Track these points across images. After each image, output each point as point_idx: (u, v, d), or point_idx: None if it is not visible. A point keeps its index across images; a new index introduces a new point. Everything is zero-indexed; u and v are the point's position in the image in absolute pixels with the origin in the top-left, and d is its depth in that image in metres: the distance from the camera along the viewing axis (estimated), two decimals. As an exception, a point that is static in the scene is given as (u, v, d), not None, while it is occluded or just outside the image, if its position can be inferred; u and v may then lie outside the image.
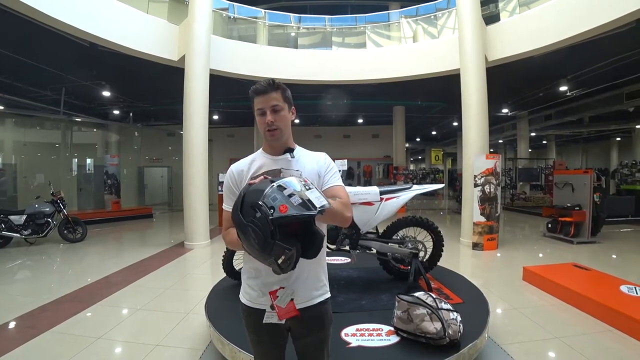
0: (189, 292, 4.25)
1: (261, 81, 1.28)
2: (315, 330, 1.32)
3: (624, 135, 17.89)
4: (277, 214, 0.94)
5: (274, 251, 0.96)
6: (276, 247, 0.95)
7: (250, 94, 1.29)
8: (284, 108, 1.29)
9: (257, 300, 1.28)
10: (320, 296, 1.31)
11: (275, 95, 1.27)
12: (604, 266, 4.72)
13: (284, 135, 1.32)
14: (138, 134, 14.10)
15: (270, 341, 1.33)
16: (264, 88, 1.26)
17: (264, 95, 1.26)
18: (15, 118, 10.65)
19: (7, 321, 3.19)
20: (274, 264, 0.99)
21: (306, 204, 0.96)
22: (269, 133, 1.29)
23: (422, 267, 3.24)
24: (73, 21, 5.43)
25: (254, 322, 1.30)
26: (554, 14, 6.03)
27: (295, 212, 0.94)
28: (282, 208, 0.95)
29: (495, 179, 6.04)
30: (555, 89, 9.98)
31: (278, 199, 0.97)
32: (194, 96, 6.41)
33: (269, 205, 0.96)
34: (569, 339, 2.81)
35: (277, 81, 1.29)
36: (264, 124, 1.28)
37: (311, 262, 1.19)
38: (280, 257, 0.97)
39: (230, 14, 8.61)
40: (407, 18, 9.11)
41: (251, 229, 0.98)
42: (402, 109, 13.12)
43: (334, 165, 1.39)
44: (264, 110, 1.27)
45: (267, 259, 1.00)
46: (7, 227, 6.27)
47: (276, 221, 0.94)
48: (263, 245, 0.96)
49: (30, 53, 7.12)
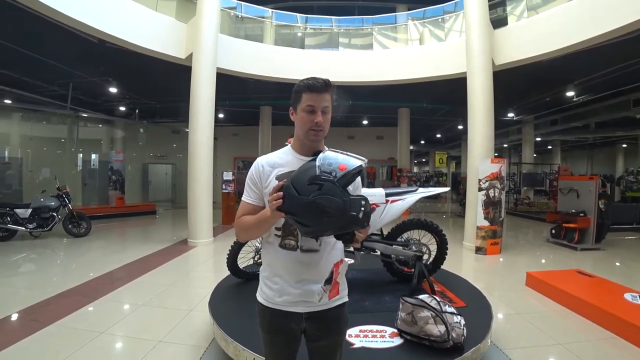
0: (192, 289, 4.27)
1: (317, 78, 1.22)
2: (332, 333, 1.32)
3: (630, 142, 17.75)
4: (340, 174, 1.00)
5: (353, 207, 0.98)
6: (352, 202, 0.98)
7: (301, 87, 1.22)
8: (330, 111, 1.26)
9: (273, 299, 1.27)
10: (340, 299, 1.31)
11: (328, 97, 1.23)
12: (607, 273, 4.69)
13: (323, 138, 1.28)
14: (143, 130, 14.19)
15: (283, 342, 1.32)
16: (321, 87, 1.20)
17: (319, 94, 1.20)
18: (22, 112, 10.75)
19: (11, 313, 3.23)
20: (354, 221, 0.99)
21: (353, 157, 1.06)
22: (313, 132, 1.22)
23: (425, 269, 3.24)
24: (82, 17, 5.46)
25: (268, 322, 1.30)
26: (562, 19, 6.00)
27: (354, 164, 1.02)
28: (341, 167, 1.01)
29: (500, 184, 6.02)
30: (561, 94, 9.93)
31: (333, 163, 1.03)
32: (201, 94, 6.44)
33: (328, 171, 1.02)
34: (572, 345, 2.80)
35: (331, 83, 1.24)
36: (310, 122, 1.21)
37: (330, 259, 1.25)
38: (359, 210, 0.98)
39: (237, 13, 8.65)
40: (414, 20, 9.10)
41: (321, 201, 0.98)
42: (407, 111, 13.10)
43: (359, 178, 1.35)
44: (315, 109, 1.21)
45: (345, 221, 0.99)
46: (13, 220, 6.33)
47: (342, 180, 1.00)
48: (342, 207, 0.97)
49: (38, 48, 7.17)
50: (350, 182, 1.06)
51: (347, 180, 1.02)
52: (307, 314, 1.26)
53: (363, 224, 1.00)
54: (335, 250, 1.28)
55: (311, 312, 1.26)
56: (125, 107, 12.44)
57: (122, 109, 12.50)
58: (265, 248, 1.32)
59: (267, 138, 12.95)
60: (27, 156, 10.63)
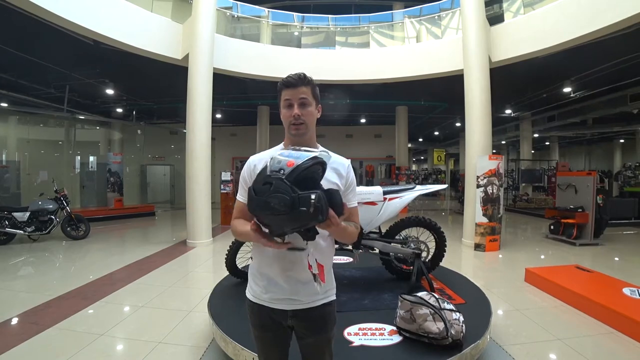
0: (192, 290, 4.26)
1: (292, 74, 1.26)
2: (318, 331, 1.32)
3: (627, 137, 17.81)
4: (287, 170, 0.99)
5: (302, 202, 0.95)
6: (301, 198, 0.95)
7: (278, 86, 1.27)
8: (312, 104, 1.28)
9: (261, 296, 1.28)
10: (325, 298, 1.31)
11: (305, 90, 1.25)
12: (606, 268, 4.71)
13: (308, 131, 1.29)
14: (141, 132, 14.15)
15: (273, 338, 1.33)
16: (295, 81, 1.24)
17: (293, 88, 1.24)
18: (19, 115, 10.71)
19: (11, 317, 3.22)
20: (305, 216, 0.96)
21: (304, 151, 1.04)
22: (294, 127, 1.26)
23: (424, 267, 3.25)
24: (77, 19, 5.44)
25: (258, 318, 1.31)
26: (558, 15, 6.01)
27: (301, 159, 1.00)
28: (289, 163, 1.00)
29: (498, 180, 6.03)
30: (558, 90, 9.96)
31: (282, 160, 1.02)
32: (198, 95, 6.43)
33: (277, 168, 1.01)
34: (571, 340, 2.81)
35: (309, 76, 1.27)
36: (290, 116, 1.25)
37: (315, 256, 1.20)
38: (310, 206, 0.95)
39: (234, 12, 8.62)
40: (410, 18, 9.09)
41: (273, 200, 0.97)
42: (404, 109, 13.11)
43: (354, 178, 1.37)
44: (292, 102, 1.25)
45: (298, 217, 0.97)
46: (11, 224, 6.31)
47: (290, 177, 0.98)
48: (290, 203, 0.95)
49: (34, 51, 7.15)
50: (308, 177, 1.01)
51: (299, 175, 0.99)
52: (292, 311, 1.26)
53: (317, 219, 0.97)
54: (323, 249, 1.26)
55: (296, 309, 1.26)
56: (122, 109, 12.42)
57: (119, 110, 12.48)
58: (254, 245, 1.33)
59: (265, 138, 12.95)
60: (25, 159, 10.59)
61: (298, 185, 0.98)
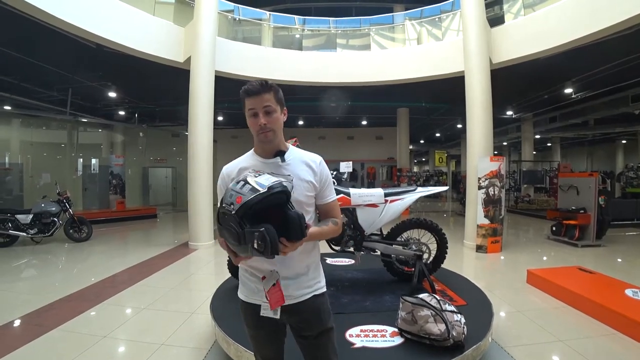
0: (194, 292, 4.28)
1: (252, 81, 1.25)
2: (313, 324, 1.33)
3: (629, 138, 17.74)
4: (236, 206, 1.05)
5: (247, 238, 1.04)
6: (247, 234, 1.04)
7: (240, 95, 1.26)
8: (277, 110, 1.27)
9: (251, 296, 1.31)
10: (315, 291, 1.33)
11: (268, 97, 1.24)
12: (608, 270, 4.69)
13: (276, 137, 1.29)
14: (143, 134, 14.19)
15: (267, 336, 1.36)
16: (256, 89, 1.23)
17: (256, 97, 1.23)
18: (22, 118, 10.76)
19: (14, 318, 3.24)
20: (253, 250, 1.05)
21: (255, 188, 1.06)
22: (262, 135, 1.26)
23: (426, 269, 3.25)
24: (80, 23, 5.49)
25: (250, 317, 1.33)
26: (559, 16, 6.01)
27: (248, 197, 1.04)
28: (237, 199, 1.05)
29: (500, 182, 6.03)
30: (560, 91, 9.94)
31: (234, 194, 1.08)
32: (199, 97, 6.46)
33: (229, 202, 1.07)
34: (573, 342, 2.80)
35: (269, 82, 1.27)
36: (256, 125, 1.25)
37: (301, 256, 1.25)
38: (253, 242, 1.03)
39: (235, 16, 8.66)
40: (411, 20, 9.12)
41: (226, 230, 1.09)
42: (406, 110, 13.12)
43: (329, 173, 1.40)
44: (256, 112, 1.24)
45: (246, 249, 1.07)
46: (14, 226, 6.34)
47: (239, 212, 1.04)
48: (237, 237, 1.06)
49: (37, 54, 7.20)
50: (266, 207, 1.05)
51: (250, 209, 1.04)
52: (282, 306, 1.27)
53: (264, 254, 1.04)
54: (307, 251, 1.31)
55: (287, 304, 1.27)
56: (124, 111, 12.47)
57: (122, 113, 12.53)
58: None
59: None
60: (28, 162, 10.63)
61: (253, 217, 1.05)
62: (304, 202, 1.28)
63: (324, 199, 1.36)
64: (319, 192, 1.35)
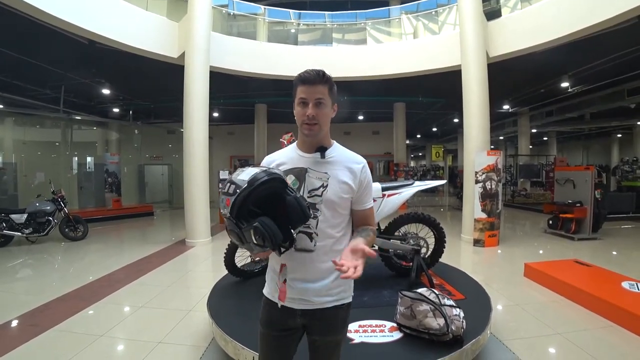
0: (191, 289, 4.26)
1: (310, 70, 1.19)
2: (327, 332, 1.30)
3: (625, 132, 17.84)
4: (227, 209, 1.06)
5: (245, 237, 1.05)
6: (245, 232, 1.05)
7: (294, 81, 1.21)
8: (328, 104, 1.21)
9: (272, 294, 1.30)
10: (337, 301, 1.26)
11: (322, 89, 1.19)
12: (605, 262, 4.72)
13: (321, 132, 1.23)
14: (138, 131, 14.08)
15: (277, 337, 1.30)
16: (313, 78, 1.17)
17: (310, 86, 1.18)
18: (15, 117, 10.64)
19: (10, 319, 3.20)
20: (255, 247, 1.06)
21: (238, 185, 1.06)
22: (307, 126, 1.20)
23: (424, 263, 3.24)
24: (72, 19, 5.39)
25: (267, 315, 1.31)
26: (555, 10, 5.99)
27: (233, 198, 1.05)
28: (227, 202, 1.06)
29: (497, 176, 6.03)
30: (556, 86, 9.94)
31: (224, 197, 1.08)
32: (194, 93, 6.39)
33: (223, 206, 1.09)
34: (571, 334, 2.82)
35: (327, 74, 1.21)
36: (303, 115, 1.19)
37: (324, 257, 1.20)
38: (252, 238, 1.04)
39: (229, 10, 8.56)
40: (407, 14, 9.05)
41: (230, 234, 1.11)
42: (402, 105, 13.08)
43: (371, 179, 1.32)
44: (307, 101, 1.18)
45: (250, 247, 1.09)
46: (9, 226, 6.26)
47: (232, 214, 1.05)
48: (238, 239, 1.08)
49: (29, 51, 7.09)
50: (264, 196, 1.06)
51: (240, 208, 1.04)
52: (301, 310, 1.25)
53: (265, 249, 1.07)
54: (332, 252, 1.23)
55: (306, 309, 1.24)
56: (119, 109, 12.35)
57: (116, 110, 12.41)
58: None
59: (262, 136, 12.91)
60: (22, 161, 10.51)
61: (250, 214, 1.05)
62: (336, 203, 1.22)
63: (361, 204, 1.29)
64: (357, 197, 1.27)
